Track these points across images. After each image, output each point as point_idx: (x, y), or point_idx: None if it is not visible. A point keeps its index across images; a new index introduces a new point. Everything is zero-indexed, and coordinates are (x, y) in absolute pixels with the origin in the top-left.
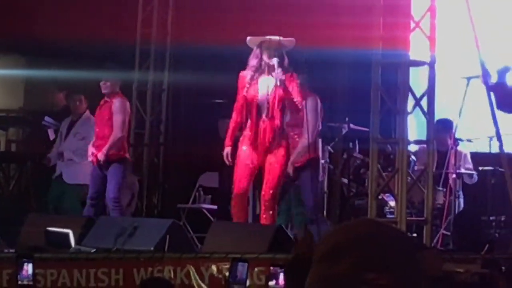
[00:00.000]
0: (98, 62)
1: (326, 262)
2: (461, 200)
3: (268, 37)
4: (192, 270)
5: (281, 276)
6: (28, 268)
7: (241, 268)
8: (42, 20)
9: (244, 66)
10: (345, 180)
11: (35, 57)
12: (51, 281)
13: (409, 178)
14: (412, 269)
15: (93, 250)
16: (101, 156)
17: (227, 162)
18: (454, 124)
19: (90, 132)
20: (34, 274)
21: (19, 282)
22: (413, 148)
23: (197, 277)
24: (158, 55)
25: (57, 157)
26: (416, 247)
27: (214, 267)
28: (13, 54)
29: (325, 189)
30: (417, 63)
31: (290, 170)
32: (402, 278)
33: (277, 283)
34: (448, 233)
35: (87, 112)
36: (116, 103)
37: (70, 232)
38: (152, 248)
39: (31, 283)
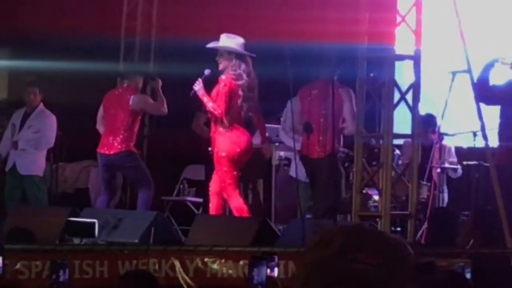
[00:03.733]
0: (83, 54)
1: (314, 250)
2: (446, 195)
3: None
4: (177, 263)
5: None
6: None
7: (262, 268)
8: (27, 11)
9: None
10: None
11: (19, 49)
12: (36, 273)
13: (394, 172)
14: (401, 258)
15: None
16: None
17: None
18: (439, 118)
19: (45, 125)
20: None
21: None
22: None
23: (182, 270)
24: (143, 48)
25: (11, 146)
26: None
27: (199, 260)
28: None
29: None
30: (403, 57)
31: None
32: (392, 262)
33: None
34: None
35: (41, 105)
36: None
37: (95, 221)
38: (136, 240)
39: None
